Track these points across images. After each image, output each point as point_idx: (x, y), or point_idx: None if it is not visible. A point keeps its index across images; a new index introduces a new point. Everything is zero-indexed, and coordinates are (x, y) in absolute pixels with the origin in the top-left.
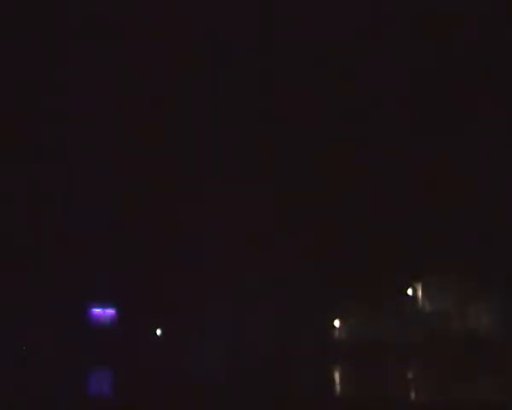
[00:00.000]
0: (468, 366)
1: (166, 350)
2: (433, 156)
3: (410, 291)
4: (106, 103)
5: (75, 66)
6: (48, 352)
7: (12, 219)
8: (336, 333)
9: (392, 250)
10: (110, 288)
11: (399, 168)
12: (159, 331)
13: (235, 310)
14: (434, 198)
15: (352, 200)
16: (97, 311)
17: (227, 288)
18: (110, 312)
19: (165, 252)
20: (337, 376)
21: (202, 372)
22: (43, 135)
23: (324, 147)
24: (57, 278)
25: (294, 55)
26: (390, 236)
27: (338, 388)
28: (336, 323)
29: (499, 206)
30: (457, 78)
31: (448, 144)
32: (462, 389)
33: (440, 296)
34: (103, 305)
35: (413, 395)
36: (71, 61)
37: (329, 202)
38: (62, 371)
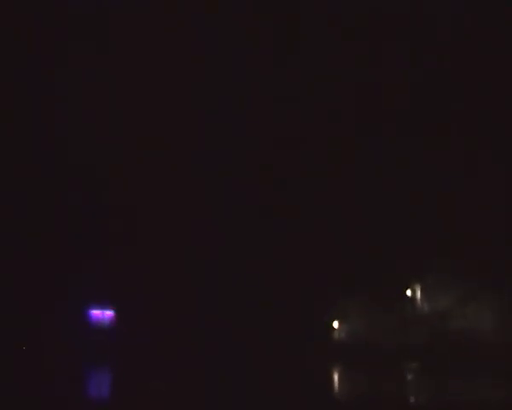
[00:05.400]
0: (468, 367)
1: (166, 351)
2: (432, 156)
3: (408, 292)
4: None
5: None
6: (47, 353)
7: (11, 218)
8: (335, 334)
9: (391, 250)
10: (109, 289)
11: (399, 167)
12: (158, 333)
13: (234, 309)
14: (434, 198)
15: (352, 199)
16: (96, 312)
17: (226, 288)
18: (109, 313)
19: (165, 253)
20: (336, 377)
21: (202, 374)
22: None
23: (324, 146)
24: (56, 280)
25: None
26: (389, 236)
27: (338, 388)
28: (335, 324)
29: (499, 205)
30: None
31: (446, 145)
32: (461, 389)
33: (440, 297)
34: (102, 306)
35: (412, 396)
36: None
37: (329, 200)
38: (61, 372)
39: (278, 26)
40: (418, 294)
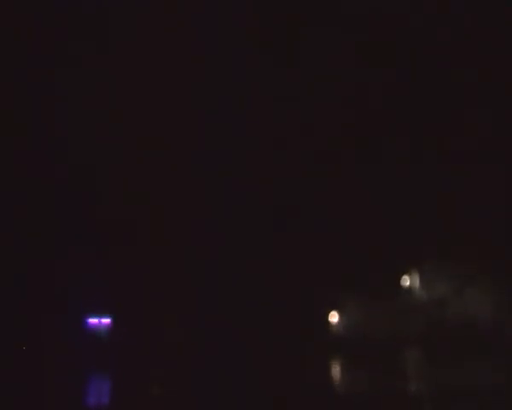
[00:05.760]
0: (468, 355)
1: (166, 351)
2: (432, 149)
3: (407, 280)
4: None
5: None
6: (47, 353)
7: (10, 222)
8: (334, 325)
9: (389, 238)
10: (108, 290)
11: (397, 162)
12: (158, 333)
13: (234, 309)
14: (432, 188)
15: (350, 191)
16: (93, 320)
17: (226, 288)
18: (106, 321)
19: (165, 253)
20: (337, 370)
21: (202, 374)
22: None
23: (324, 144)
24: (55, 287)
25: None
26: (386, 223)
27: (339, 387)
28: (333, 318)
29: (497, 193)
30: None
31: (446, 136)
32: (461, 377)
33: (438, 284)
34: (99, 314)
35: (412, 386)
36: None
37: (329, 200)
38: (59, 379)
39: (278, 26)
40: (417, 282)
